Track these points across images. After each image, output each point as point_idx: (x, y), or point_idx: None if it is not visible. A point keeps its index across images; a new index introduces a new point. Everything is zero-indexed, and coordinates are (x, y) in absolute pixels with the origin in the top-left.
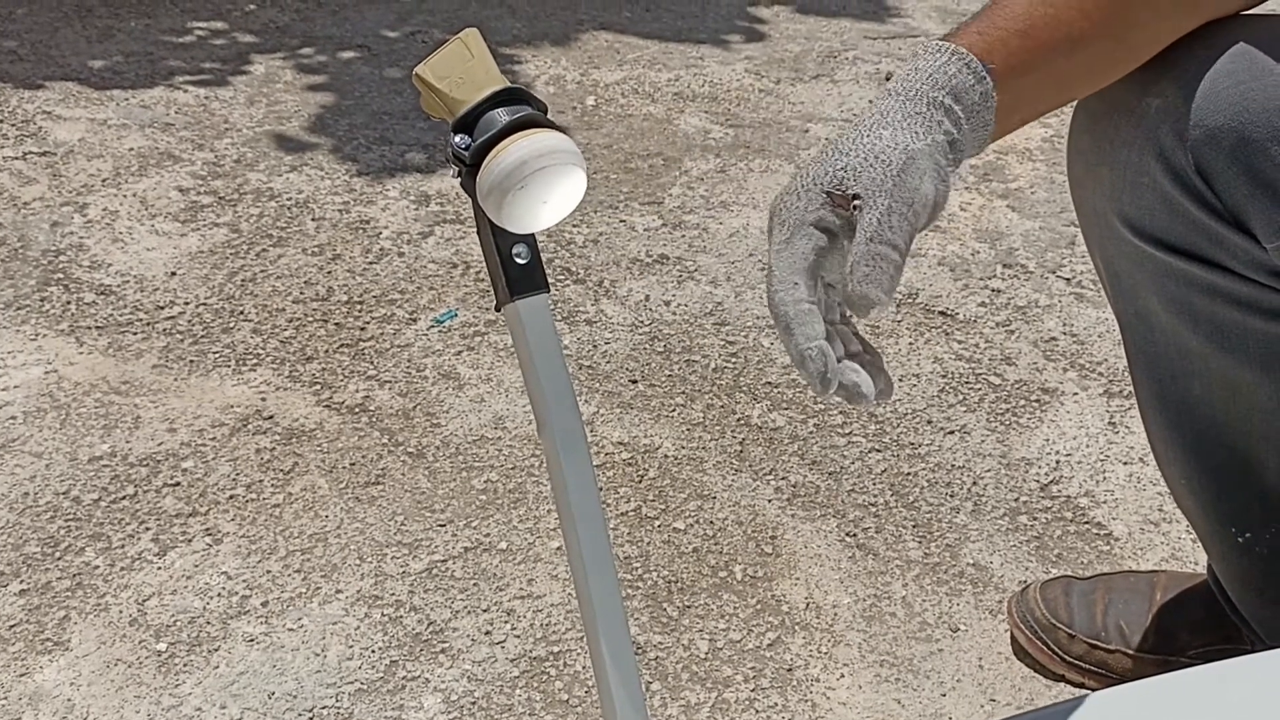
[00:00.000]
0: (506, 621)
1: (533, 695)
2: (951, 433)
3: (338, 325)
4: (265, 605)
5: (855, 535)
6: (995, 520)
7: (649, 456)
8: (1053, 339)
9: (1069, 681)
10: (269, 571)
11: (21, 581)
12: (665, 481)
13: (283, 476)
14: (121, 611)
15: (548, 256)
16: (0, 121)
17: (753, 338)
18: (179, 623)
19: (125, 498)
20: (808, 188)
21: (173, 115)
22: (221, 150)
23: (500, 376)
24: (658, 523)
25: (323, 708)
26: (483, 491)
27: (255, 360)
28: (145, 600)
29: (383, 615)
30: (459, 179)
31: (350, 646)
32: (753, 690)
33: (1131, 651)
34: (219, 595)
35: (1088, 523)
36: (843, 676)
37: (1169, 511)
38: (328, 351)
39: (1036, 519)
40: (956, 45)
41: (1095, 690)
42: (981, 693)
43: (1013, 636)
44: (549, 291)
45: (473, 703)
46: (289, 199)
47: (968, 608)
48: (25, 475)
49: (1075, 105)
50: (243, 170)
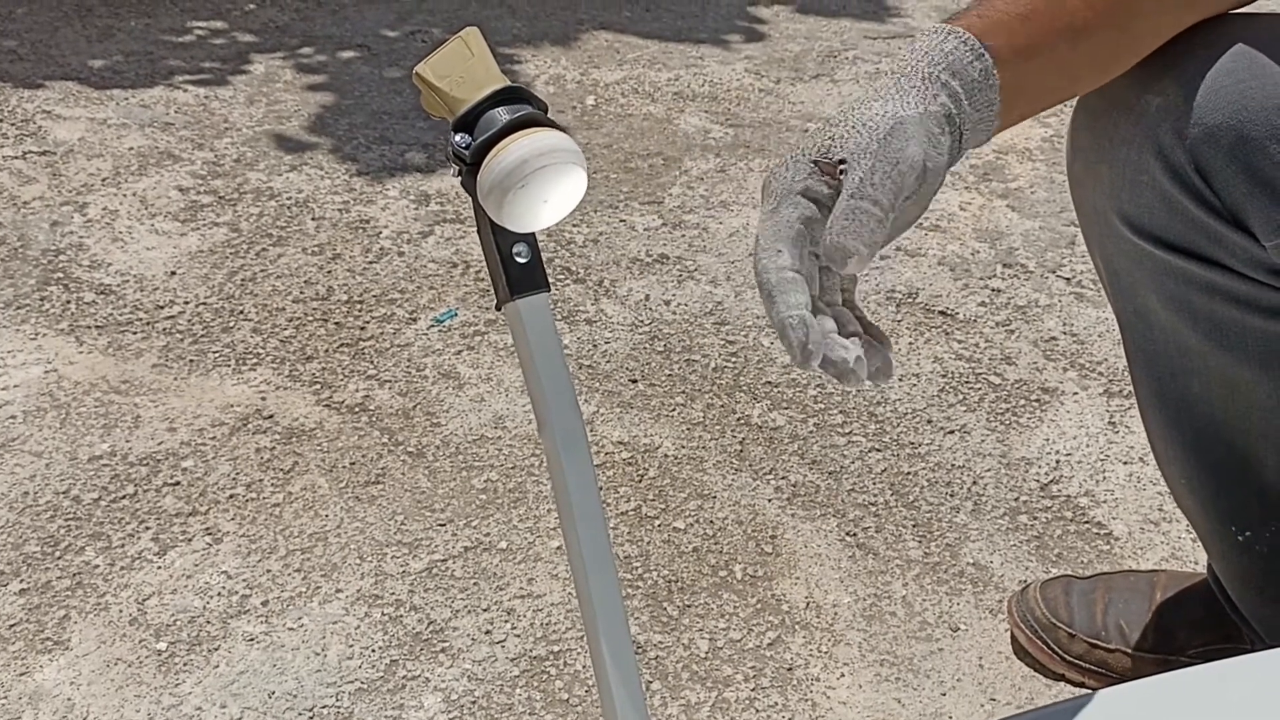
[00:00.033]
0: (507, 621)
1: (533, 694)
2: (951, 432)
3: (338, 325)
4: (265, 604)
5: (855, 535)
6: (995, 520)
7: (649, 456)
8: (1053, 339)
9: (1069, 681)
10: (269, 571)
11: (21, 581)
12: (665, 481)
13: (283, 476)
14: (121, 611)
15: (548, 256)
16: (0, 121)
17: (753, 337)
18: (179, 622)
19: (125, 497)
20: (796, 159)
21: (172, 115)
22: (221, 150)
23: (500, 376)
24: (658, 522)
25: (323, 707)
26: (483, 491)
27: (255, 360)
28: (145, 599)
29: (383, 614)
30: (459, 178)
31: (350, 646)
32: (753, 689)
33: (1131, 651)
34: (219, 594)
35: (1088, 522)
36: (843, 676)
37: (1169, 511)
38: (328, 351)
39: (1036, 518)
40: (954, 26)
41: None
42: (982, 692)
43: (1013, 636)
44: (549, 290)
45: (473, 702)
46: (289, 198)
47: (968, 607)
48: (25, 474)
49: (1075, 103)
50: (242, 170)
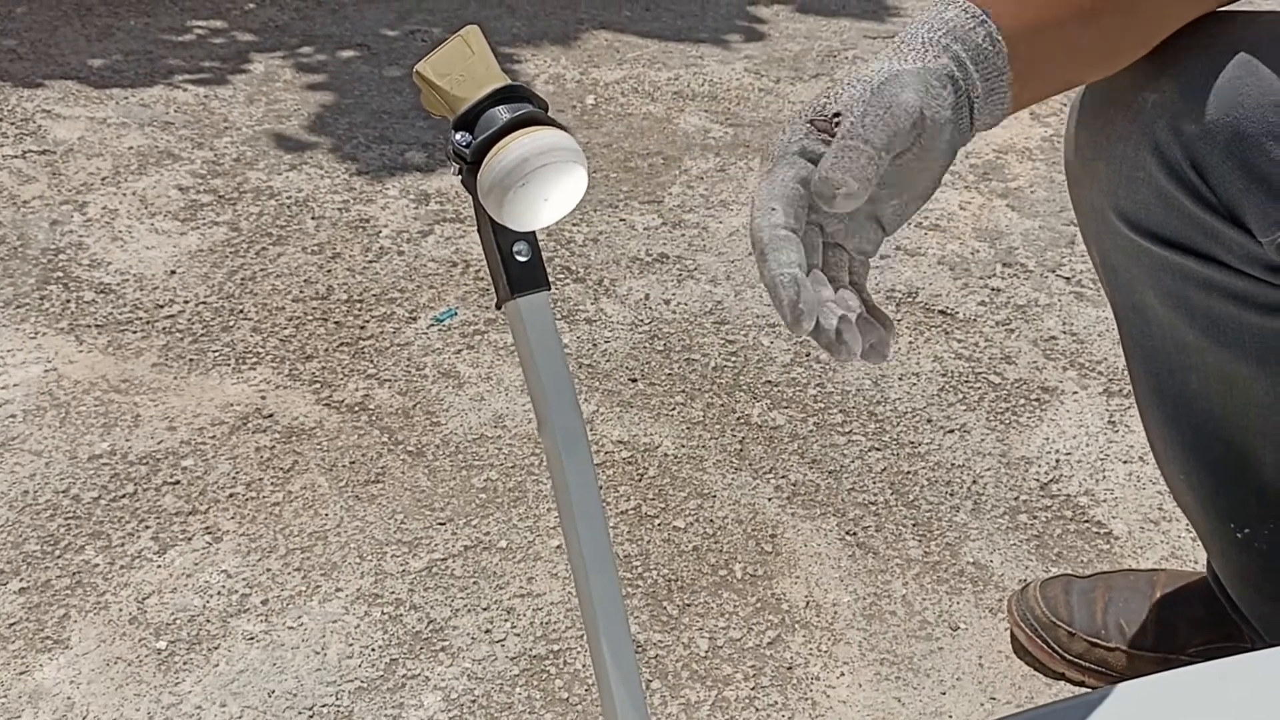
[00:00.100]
0: (506, 620)
1: (533, 693)
2: (951, 431)
3: (337, 324)
4: (265, 604)
5: (855, 534)
6: (995, 519)
7: (649, 455)
8: (1052, 338)
9: (1069, 680)
10: (269, 570)
11: (21, 580)
12: (665, 480)
13: (282, 475)
14: (121, 610)
15: (547, 255)
16: (0, 120)
17: (752, 336)
18: (179, 621)
19: (125, 496)
20: (793, 121)
21: (172, 114)
22: (221, 149)
23: (500, 375)
24: (658, 521)
25: (323, 706)
26: (482, 490)
27: (255, 359)
28: (145, 598)
29: (383, 614)
30: (459, 177)
31: (350, 645)
32: (753, 688)
33: (1131, 649)
34: (219, 593)
35: (1087, 521)
36: (843, 675)
37: (1169, 510)
38: (327, 350)
39: (1036, 518)
40: None
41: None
42: (981, 691)
43: (1013, 635)
44: (550, 289)
45: (473, 701)
46: (288, 197)
47: (968, 606)
48: (25, 473)
49: (1073, 101)
50: (242, 169)
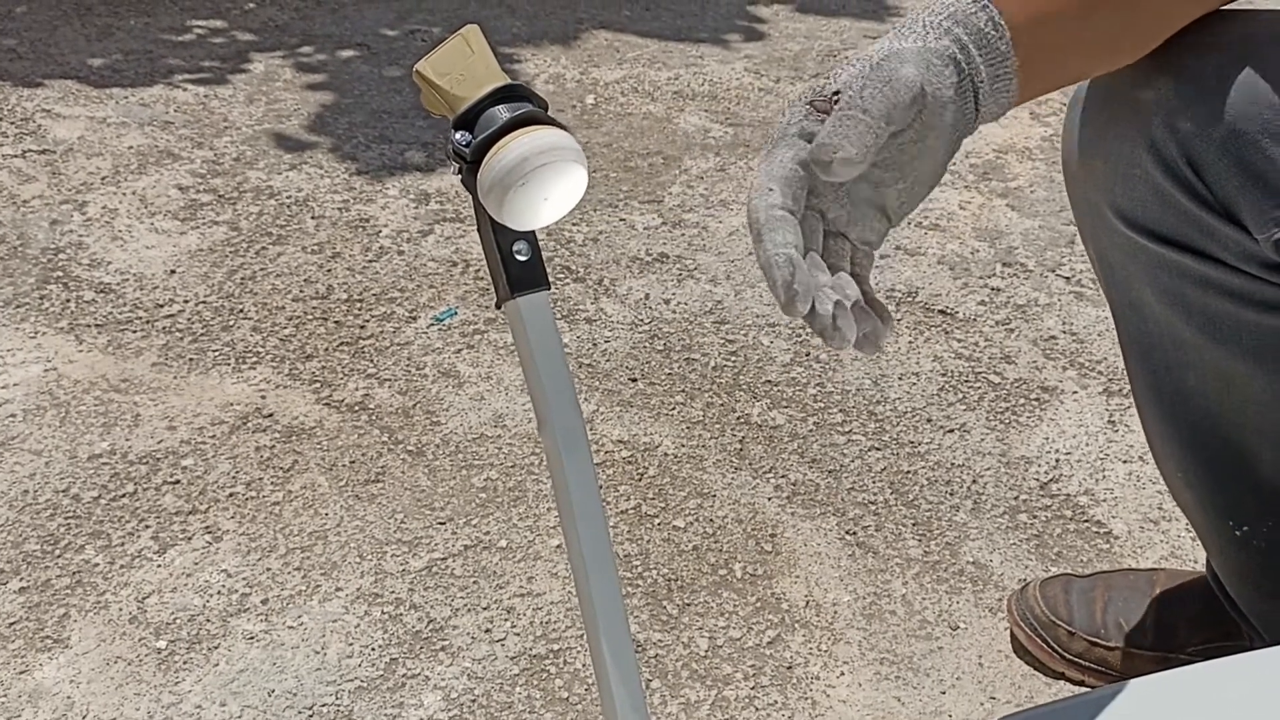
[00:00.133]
0: (506, 619)
1: (532, 693)
2: (951, 431)
3: (337, 323)
4: (265, 603)
5: (855, 533)
6: (995, 518)
7: (649, 455)
8: (1052, 338)
9: (1069, 679)
10: (269, 569)
11: (21, 579)
12: (665, 480)
13: (282, 474)
14: (121, 609)
15: (547, 255)
16: (0, 119)
17: (752, 336)
18: (179, 620)
19: (125, 495)
20: (793, 104)
21: (172, 113)
22: (221, 148)
23: (500, 374)
24: (657, 521)
25: (322, 705)
26: (482, 489)
27: (255, 358)
28: (145, 598)
29: (383, 613)
30: (459, 176)
31: (350, 644)
32: (752, 688)
33: (1131, 648)
34: (219, 593)
35: (1087, 521)
36: (842, 674)
37: (1168, 510)
38: (327, 350)
39: (1036, 517)
40: None
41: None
42: (981, 690)
43: (1012, 634)
44: (550, 289)
45: (473, 700)
46: (288, 197)
47: (967, 606)
48: (25, 473)
49: (1071, 99)
50: (242, 168)
